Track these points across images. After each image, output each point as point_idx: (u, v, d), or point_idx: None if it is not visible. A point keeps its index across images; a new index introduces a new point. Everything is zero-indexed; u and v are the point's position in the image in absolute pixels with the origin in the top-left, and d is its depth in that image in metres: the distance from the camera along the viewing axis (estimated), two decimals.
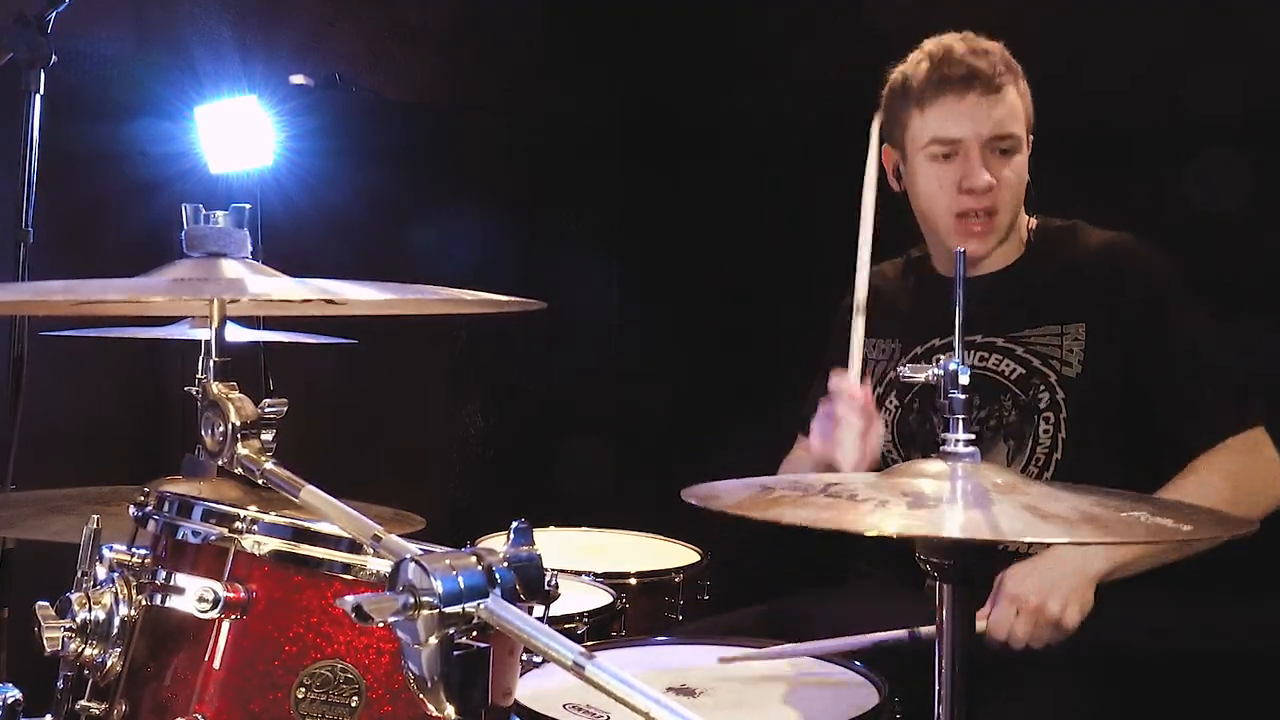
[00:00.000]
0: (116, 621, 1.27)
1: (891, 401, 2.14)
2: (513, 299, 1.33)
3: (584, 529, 2.77)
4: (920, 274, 2.21)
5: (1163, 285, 1.96)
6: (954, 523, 1.11)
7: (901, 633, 1.73)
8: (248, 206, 1.35)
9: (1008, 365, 2.00)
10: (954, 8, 2.12)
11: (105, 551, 1.30)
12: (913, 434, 2.11)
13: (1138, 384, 1.93)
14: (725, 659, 1.78)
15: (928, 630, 1.69)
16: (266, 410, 1.19)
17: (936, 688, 1.19)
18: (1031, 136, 2.04)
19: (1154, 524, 1.11)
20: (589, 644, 1.91)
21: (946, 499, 1.15)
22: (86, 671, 1.29)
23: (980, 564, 1.21)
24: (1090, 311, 1.97)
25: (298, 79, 3.16)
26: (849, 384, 1.84)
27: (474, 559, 0.97)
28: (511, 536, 1.06)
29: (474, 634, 0.96)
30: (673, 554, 2.56)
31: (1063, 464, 1.94)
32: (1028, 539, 1.68)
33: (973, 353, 2.01)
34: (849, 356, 1.85)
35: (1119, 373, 1.94)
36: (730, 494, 1.21)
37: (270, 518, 1.27)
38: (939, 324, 2.09)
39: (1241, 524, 1.16)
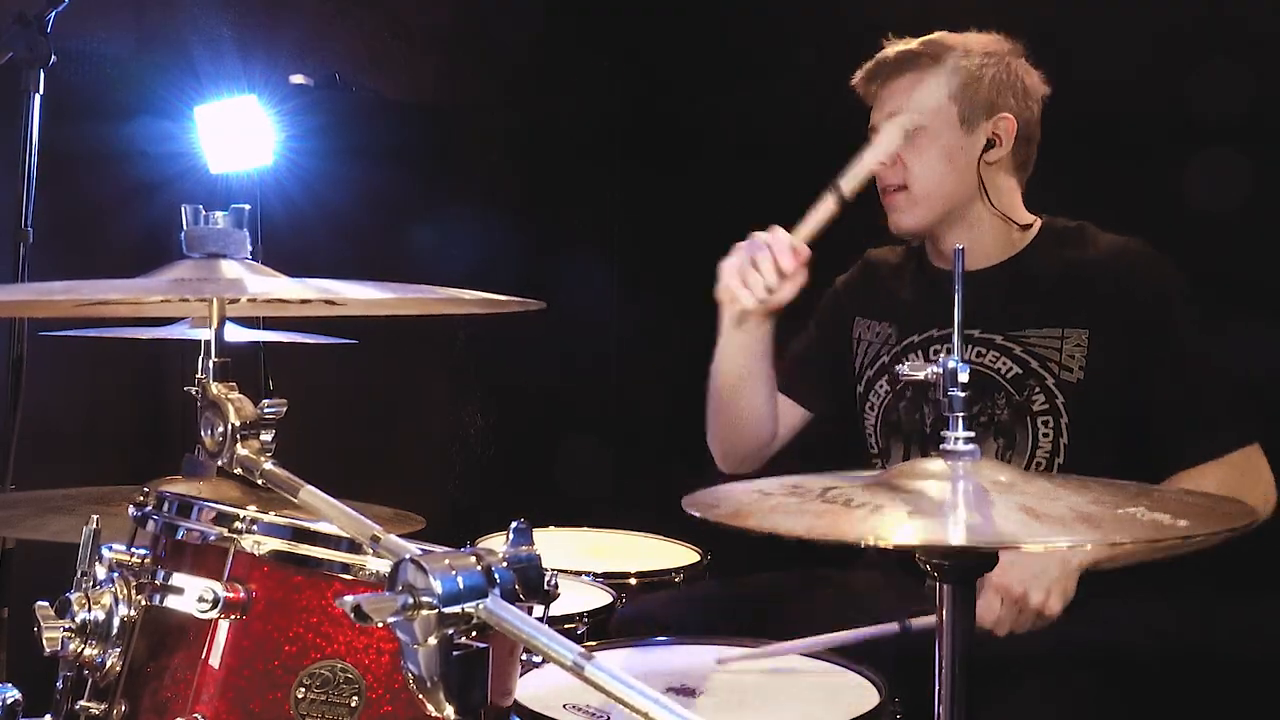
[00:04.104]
0: (116, 622, 1.27)
1: (881, 386, 2.14)
2: (513, 299, 1.33)
3: (584, 529, 2.77)
4: (920, 261, 2.21)
5: (1172, 296, 1.94)
6: (953, 531, 1.11)
7: (892, 625, 1.73)
8: (247, 207, 1.35)
9: (1004, 363, 1.99)
10: (955, 8, 2.12)
11: (105, 551, 1.31)
12: (897, 423, 2.11)
13: (1140, 393, 1.92)
14: (723, 660, 1.78)
15: (919, 621, 1.69)
16: (266, 410, 1.19)
17: (936, 688, 1.19)
18: (1005, 119, 2.01)
19: (1151, 520, 1.10)
20: (589, 644, 1.90)
21: (947, 503, 1.15)
22: (86, 672, 1.29)
23: (980, 564, 1.21)
24: (1096, 318, 1.95)
25: (298, 79, 3.16)
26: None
27: (473, 559, 0.97)
28: (511, 536, 1.06)
29: (473, 634, 0.96)
30: (673, 554, 2.56)
31: (1063, 468, 1.93)
32: (1024, 544, 1.68)
33: (970, 348, 1.99)
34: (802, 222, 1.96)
35: (1122, 381, 1.92)
36: (728, 501, 1.21)
37: (270, 518, 1.27)
38: (937, 314, 2.08)
39: (1240, 516, 1.12)
